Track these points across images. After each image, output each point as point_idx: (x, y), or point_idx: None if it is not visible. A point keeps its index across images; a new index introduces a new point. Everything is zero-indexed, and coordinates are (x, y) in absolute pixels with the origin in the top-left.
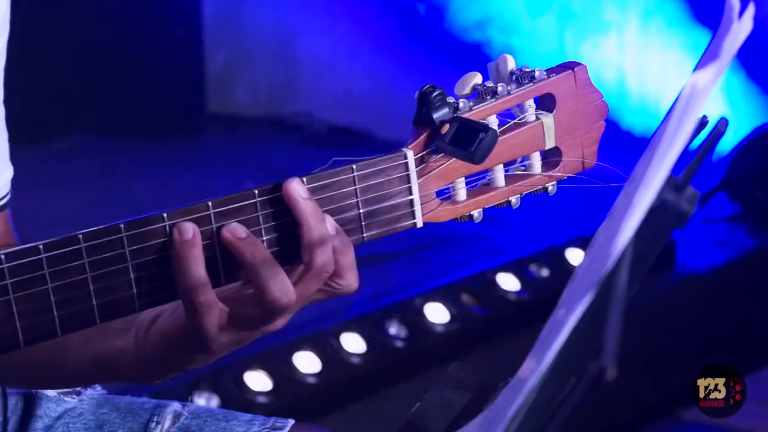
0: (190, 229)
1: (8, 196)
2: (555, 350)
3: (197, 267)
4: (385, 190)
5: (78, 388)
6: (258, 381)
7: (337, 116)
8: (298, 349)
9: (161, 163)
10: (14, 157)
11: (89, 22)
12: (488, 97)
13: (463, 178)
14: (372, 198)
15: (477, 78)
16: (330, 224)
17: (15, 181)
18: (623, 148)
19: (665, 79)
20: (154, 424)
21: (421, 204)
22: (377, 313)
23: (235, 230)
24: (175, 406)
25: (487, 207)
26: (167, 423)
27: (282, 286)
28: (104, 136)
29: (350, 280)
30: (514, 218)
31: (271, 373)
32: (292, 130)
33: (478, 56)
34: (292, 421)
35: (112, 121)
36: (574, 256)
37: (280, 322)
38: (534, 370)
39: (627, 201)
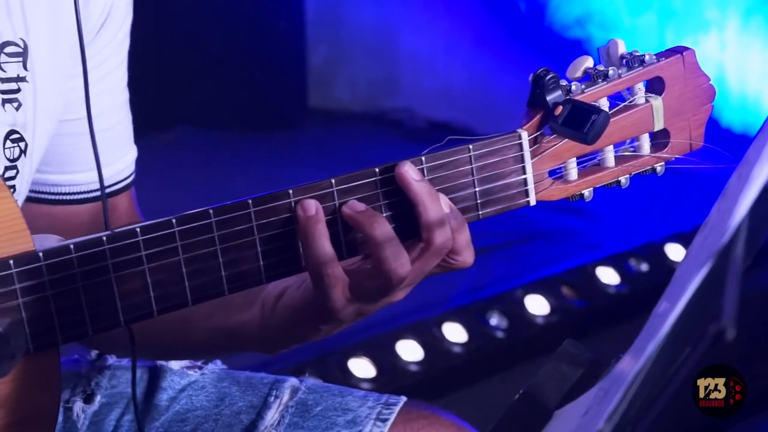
0: (312, 206)
1: (133, 176)
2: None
3: (323, 241)
4: (500, 169)
5: (200, 362)
6: (362, 368)
7: (436, 112)
8: (401, 337)
9: (262, 156)
10: None
11: (194, 18)
12: (599, 80)
13: (575, 159)
14: (487, 177)
15: (588, 62)
16: (444, 203)
17: None
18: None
19: (765, 77)
20: (272, 398)
21: (535, 183)
22: (478, 303)
23: (353, 205)
24: (293, 381)
25: (597, 186)
26: (285, 397)
27: (398, 258)
28: (207, 130)
29: (466, 256)
30: (610, 214)
31: (375, 361)
32: (392, 126)
33: (578, 53)
34: (404, 398)
35: (215, 115)
36: (674, 251)
37: (399, 294)
38: (634, 364)
39: (741, 181)
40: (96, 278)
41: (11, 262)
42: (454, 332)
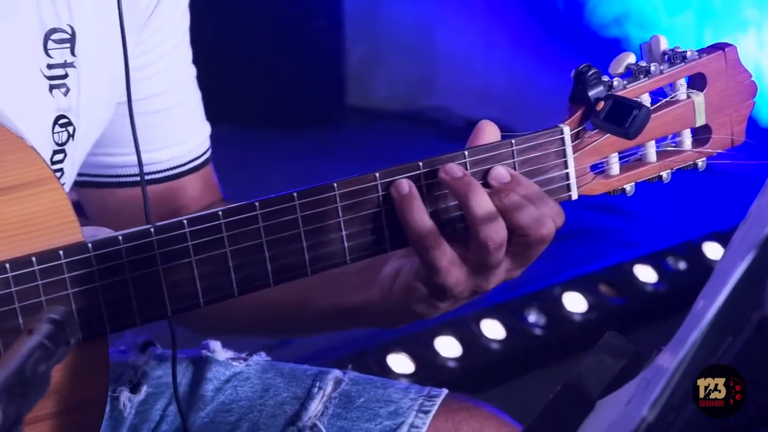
0: (406, 185)
1: (209, 152)
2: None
3: (422, 216)
4: (542, 163)
5: (244, 354)
6: (400, 363)
7: (474, 111)
8: (440, 333)
9: (299, 154)
10: None
11: (232, 16)
12: (641, 76)
13: (617, 154)
14: (529, 171)
15: (631, 58)
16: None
17: None
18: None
19: None
20: (316, 389)
21: (576, 177)
22: (516, 300)
23: (451, 170)
24: (336, 373)
25: (639, 181)
26: (329, 388)
27: (495, 227)
28: (246, 128)
29: (536, 230)
30: (647, 212)
31: (413, 356)
32: (430, 124)
33: (616, 52)
34: (445, 391)
35: (254, 113)
36: (712, 250)
37: (498, 273)
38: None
39: None
40: (144, 269)
41: (61, 252)
42: (492, 329)
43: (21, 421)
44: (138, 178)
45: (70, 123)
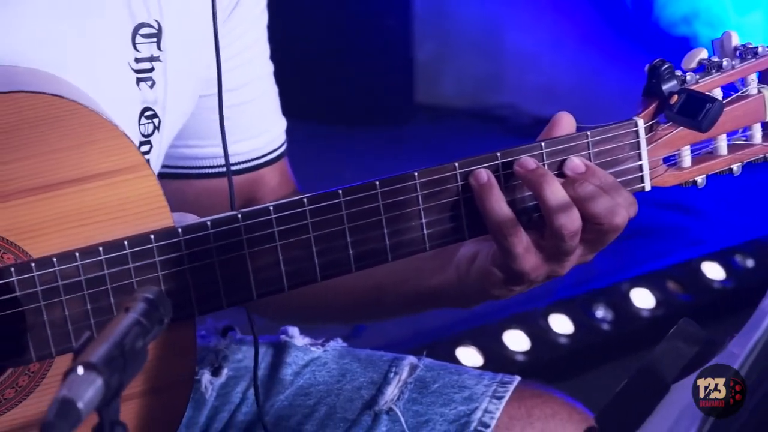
0: (485, 175)
1: (284, 146)
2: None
3: (500, 204)
4: (616, 155)
5: (321, 340)
6: (469, 356)
7: (541, 108)
8: (509, 327)
9: (368, 151)
10: None
11: (303, 14)
12: (714, 70)
13: (689, 146)
14: (604, 162)
15: (703, 53)
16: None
17: None
18: None
19: None
20: (392, 374)
21: (650, 169)
22: (584, 296)
23: (525, 163)
24: (411, 359)
25: (710, 173)
26: (404, 374)
27: (569, 216)
28: (315, 124)
29: (610, 220)
30: (715, 210)
31: (482, 349)
32: (497, 122)
33: (684, 51)
34: (518, 378)
35: (323, 110)
36: None
37: (572, 259)
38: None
39: None
40: (231, 253)
41: (152, 236)
42: (561, 324)
43: (119, 394)
44: (216, 170)
45: (155, 115)
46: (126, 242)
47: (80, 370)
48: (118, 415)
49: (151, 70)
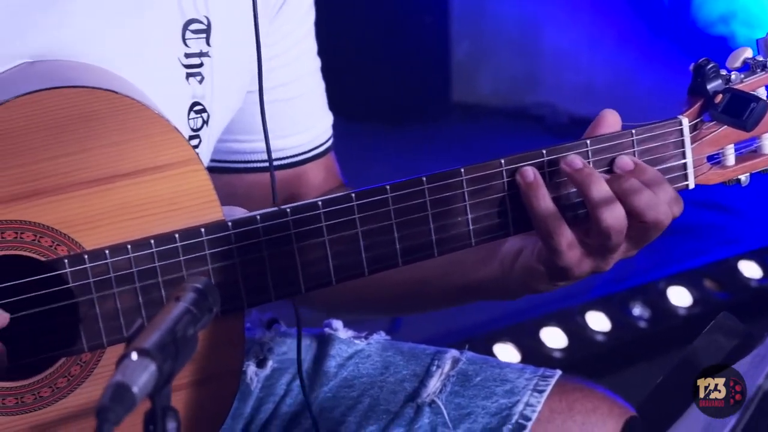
0: (531, 172)
1: (330, 141)
2: None
3: (546, 201)
4: (661, 153)
5: (364, 333)
6: (506, 353)
7: (578, 107)
8: (546, 324)
9: (406, 149)
10: None
11: (340, 13)
12: (758, 70)
13: (733, 145)
14: (649, 160)
15: (748, 52)
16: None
17: None
18: None
19: None
20: (434, 367)
21: (694, 167)
22: (621, 294)
23: (572, 162)
24: (454, 352)
25: (754, 171)
26: (447, 367)
27: (614, 213)
28: (352, 122)
29: (652, 215)
30: (751, 209)
31: (519, 346)
32: (534, 120)
33: (721, 50)
34: (559, 372)
35: (360, 108)
36: None
37: (616, 255)
38: None
39: None
40: (280, 247)
41: (202, 230)
42: (598, 321)
43: (171, 381)
44: (265, 164)
45: (204, 110)
46: (177, 235)
47: (134, 355)
48: (169, 401)
49: (200, 65)
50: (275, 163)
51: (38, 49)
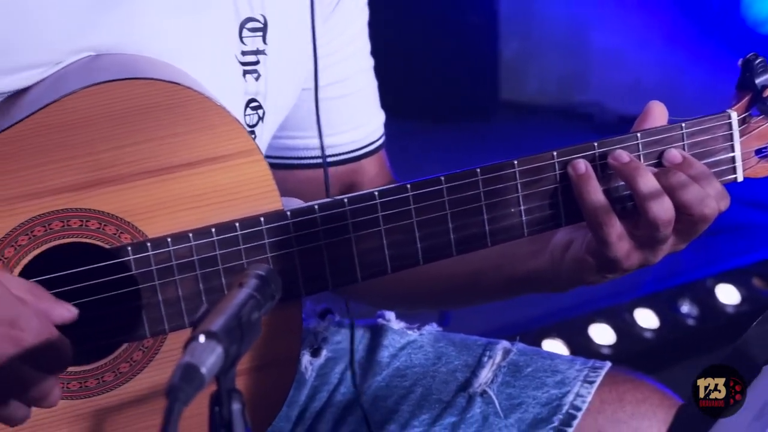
0: (583, 165)
1: (382, 139)
2: None
3: (597, 193)
4: (709, 146)
5: (417, 324)
6: (555, 349)
7: (626, 106)
8: (594, 321)
9: (454, 147)
10: None
11: (390, 12)
12: None
13: None
14: (698, 153)
15: None
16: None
17: None
18: None
19: None
20: (486, 358)
21: (742, 160)
22: (670, 291)
23: (619, 156)
24: (505, 343)
25: None
26: (498, 358)
27: (662, 205)
28: (402, 120)
29: (700, 209)
30: None
31: (568, 343)
32: (582, 119)
33: None
34: (608, 364)
35: (411, 106)
36: None
37: (665, 248)
38: None
39: None
40: (337, 237)
41: (262, 219)
42: (646, 318)
43: (236, 364)
44: (317, 160)
45: (260, 106)
46: (237, 224)
47: (202, 338)
48: (234, 384)
49: (257, 62)
50: (329, 159)
51: (104, 44)
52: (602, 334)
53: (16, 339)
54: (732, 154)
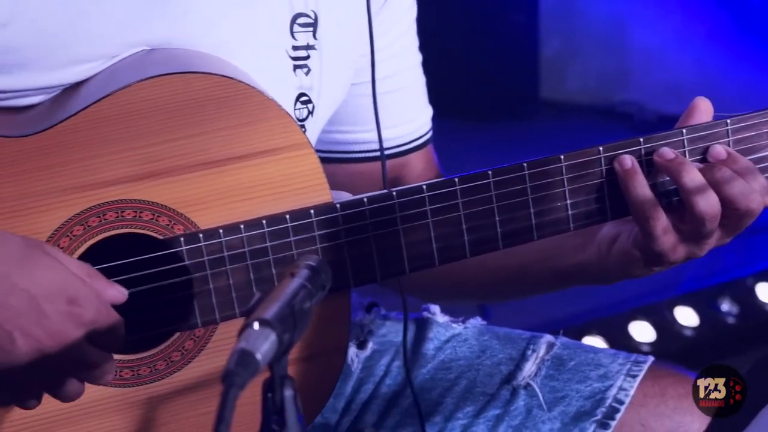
0: (629, 160)
1: (430, 134)
2: None
3: (643, 188)
4: (754, 142)
5: (461, 317)
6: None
7: (666, 106)
8: (634, 318)
9: (494, 145)
10: None
11: (432, 11)
12: None
13: None
14: (743, 149)
15: None
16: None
17: None
18: None
19: None
20: (530, 351)
21: None
22: (710, 289)
23: (664, 153)
24: (549, 337)
25: None
26: (542, 351)
27: (708, 200)
28: (443, 118)
29: (744, 203)
30: None
31: (608, 340)
32: (622, 119)
33: None
34: (652, 358)
35: (451, 104)
36: None
37: (711, 242)
38: None
39: None
40: (386, 229)
41: (312, 211)
42: (686, 316)
43: (288, 351)
44: (366, 154)
45: (309, 101)
46: (288, 216)
47: (256, 325)
48: (286, 371)
49: (307, 57)
50: (377, 153)
51: (158, 38)
52: (642, 331)
53: (77, 316)
54: None
